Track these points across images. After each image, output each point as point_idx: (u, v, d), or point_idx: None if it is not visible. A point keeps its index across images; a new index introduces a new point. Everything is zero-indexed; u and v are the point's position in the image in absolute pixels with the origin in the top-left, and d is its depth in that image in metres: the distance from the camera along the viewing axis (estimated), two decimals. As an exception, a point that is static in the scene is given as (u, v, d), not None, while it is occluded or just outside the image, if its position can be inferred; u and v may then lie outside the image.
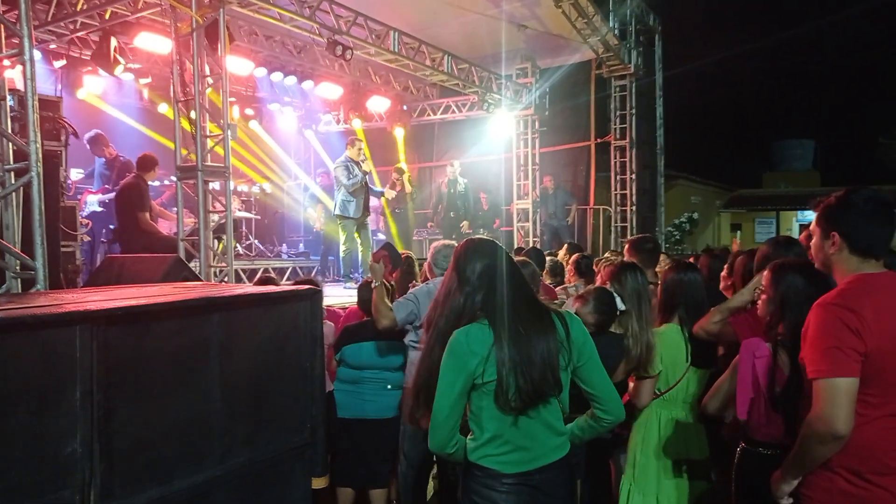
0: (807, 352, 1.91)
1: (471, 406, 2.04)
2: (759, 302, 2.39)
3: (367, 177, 8.23)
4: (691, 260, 4.46)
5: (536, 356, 1.97)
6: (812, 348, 1.89)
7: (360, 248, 8.20)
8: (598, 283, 3.23)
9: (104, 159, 7.73)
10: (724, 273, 3.59)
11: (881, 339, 1.82)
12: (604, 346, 2.80)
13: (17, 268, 3.86)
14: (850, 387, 1.81)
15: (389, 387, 3.83)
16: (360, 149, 8.24)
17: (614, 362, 2.84)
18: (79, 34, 7.68)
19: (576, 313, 2.86)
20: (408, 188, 9.80)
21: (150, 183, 6.56)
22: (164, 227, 6.90)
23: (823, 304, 1.90)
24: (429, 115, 12.13)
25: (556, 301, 4.09)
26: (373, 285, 3.42)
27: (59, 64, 8.28)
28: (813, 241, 2.09)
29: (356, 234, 8.15)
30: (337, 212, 8.16)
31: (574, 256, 5.08)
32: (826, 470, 1.92)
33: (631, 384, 2.99)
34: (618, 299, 2.89)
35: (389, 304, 3.35)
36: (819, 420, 1.84)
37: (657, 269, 4.13)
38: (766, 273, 2.38)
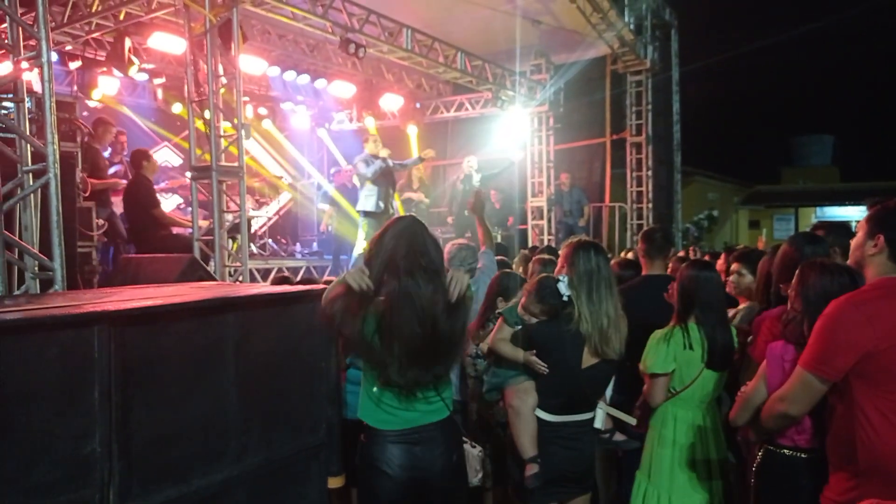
0: (809, 341, 2.02)
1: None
2: (789, 300, 2.35)
3: (388, 161, 8.18)
4: (706, 258, 4.39)
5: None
6: (812, 339, 2.00)
7: None
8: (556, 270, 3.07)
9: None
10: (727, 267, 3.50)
11: (892, 338, 1.85)
12: (553, 332, 2.72)
13: (36, 268, 3.89)
14: (818, 386, 1.98)
15: None
16: (374, 141, 8.29)
17: (570, 346, 2.71)
18: (94, 35, 7.73)
19: (524, 308, 2.81)
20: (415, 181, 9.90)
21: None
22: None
23: (839, 302, 1.96)
24: (442, 112, 12.08)
25: None
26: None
27: (74, 65, 8.35)
28: (856, 238, 2.10)
29: None
30: (358, 208, 8.12)
31: None
32: (854, 476, 1.91)
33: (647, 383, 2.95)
34: (562, 285, 2.72)
35: None
36: (782, 400, 2.08)
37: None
38: (796, 272, 2.33)
